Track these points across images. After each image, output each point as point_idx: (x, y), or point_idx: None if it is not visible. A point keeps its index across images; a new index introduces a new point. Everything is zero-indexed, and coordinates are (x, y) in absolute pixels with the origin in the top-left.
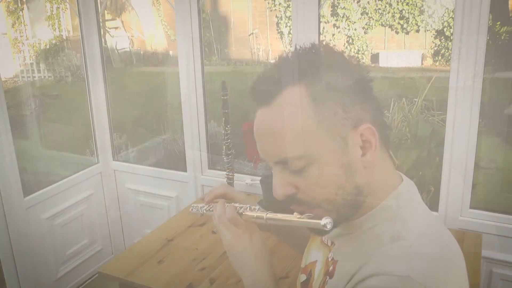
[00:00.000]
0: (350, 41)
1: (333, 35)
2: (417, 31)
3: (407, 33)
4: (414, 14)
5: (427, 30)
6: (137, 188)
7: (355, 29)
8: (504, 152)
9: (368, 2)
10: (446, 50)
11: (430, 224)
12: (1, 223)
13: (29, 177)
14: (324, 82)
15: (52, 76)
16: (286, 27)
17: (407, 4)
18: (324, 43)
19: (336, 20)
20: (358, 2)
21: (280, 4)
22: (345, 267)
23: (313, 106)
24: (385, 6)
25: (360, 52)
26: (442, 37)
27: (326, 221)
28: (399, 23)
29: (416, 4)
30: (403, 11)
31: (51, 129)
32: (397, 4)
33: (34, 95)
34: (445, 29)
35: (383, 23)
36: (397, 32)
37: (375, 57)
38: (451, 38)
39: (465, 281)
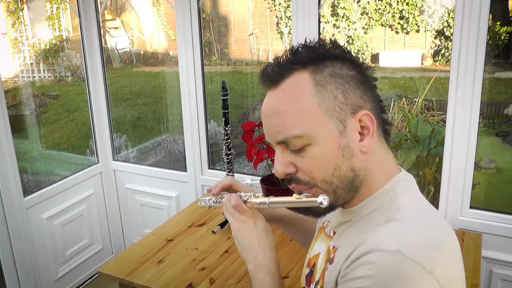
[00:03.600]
0: (350, 41)
1: (333, 35)
2: (417, 31)
3: (407, 33)
4: (414, 14)
5: (427, 30)
6: (137, 188)
7: (355, 29)
8: (504, 152)
9: (368, 2)
10: (446, 50)
11: (426, 209)
12: (1, 223)
13: (29, 177)
14: (328, 69)
15: (52, 76)
16: (286, 27)
17: (407, 4)
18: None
19: (336, 20)
20: (358, 2)
21: (280, 4)
22: (344, 251)
23: (315, 89)
24: (385, 6)
25: (360, 52)
26: (442, 37)
27: (321, 198)
28: (399, 23)
29: (416, 4)
30: (403, 11)
31: (51, 129)
32: (397, 4)
33: (34, 95)
34: (445, 29)
35: (383, 23)
36: (397, 32)
37: (375, 57)
38: (451, 38)
39: (459, 261)
